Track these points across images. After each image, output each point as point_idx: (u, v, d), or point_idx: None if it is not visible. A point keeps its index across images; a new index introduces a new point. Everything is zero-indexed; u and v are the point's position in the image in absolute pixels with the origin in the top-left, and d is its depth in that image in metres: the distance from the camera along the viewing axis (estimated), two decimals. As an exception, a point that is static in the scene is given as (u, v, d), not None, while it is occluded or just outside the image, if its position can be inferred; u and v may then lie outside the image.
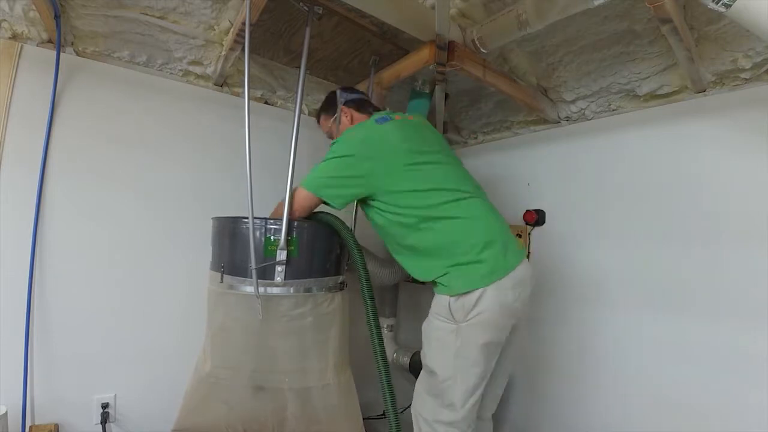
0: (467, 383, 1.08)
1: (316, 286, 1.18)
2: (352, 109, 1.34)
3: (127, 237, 1.45)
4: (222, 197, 1.61)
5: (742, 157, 1.20)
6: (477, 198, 1.18)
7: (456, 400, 1.09)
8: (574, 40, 1.35)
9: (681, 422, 1.27)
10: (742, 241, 1.19)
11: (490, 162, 2.06)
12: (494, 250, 1.09)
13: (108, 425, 1.39)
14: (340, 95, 1.36)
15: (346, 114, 1.34)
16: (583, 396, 1.54)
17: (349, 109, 1.34)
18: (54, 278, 1.32)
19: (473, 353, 1.07)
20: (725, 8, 0.81)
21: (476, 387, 1.09)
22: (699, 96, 1.31)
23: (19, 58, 1.29)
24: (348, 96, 1.36)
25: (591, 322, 1.54)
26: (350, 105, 1.34)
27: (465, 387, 1.09)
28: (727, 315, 1.20)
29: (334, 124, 1.35)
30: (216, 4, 1.33)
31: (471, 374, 1.08)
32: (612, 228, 1.50)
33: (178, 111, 1.56)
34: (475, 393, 1.10)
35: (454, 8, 1.31)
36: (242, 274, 1.14)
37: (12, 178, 1.27)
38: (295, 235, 1.15)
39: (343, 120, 1.33)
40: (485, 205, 1.19)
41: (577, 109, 1.62)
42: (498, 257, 1.09)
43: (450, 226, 1.12)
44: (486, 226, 1.13)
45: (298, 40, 1.39)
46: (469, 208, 1.14)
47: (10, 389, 1.24)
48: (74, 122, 1.37)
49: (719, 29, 1.13)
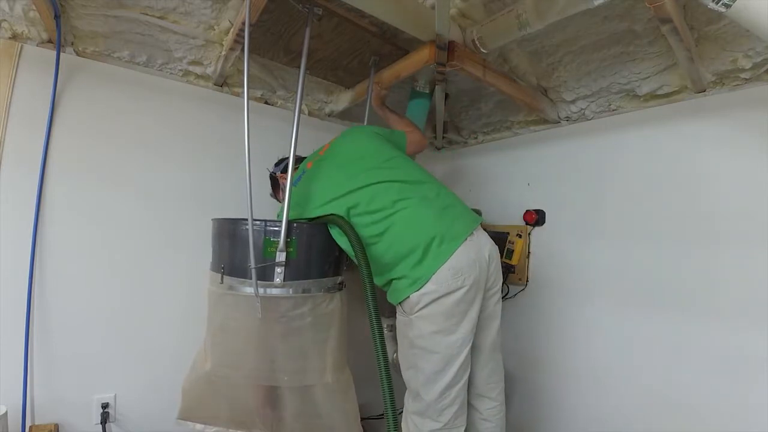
0: (426, 371, 1.13)
1: (315, 286, 1.18)
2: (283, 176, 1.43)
3: (127, 237, 1.45)
4: (222, 197, 1.62)
5: (742, 157, 1.20)
6: (405, 209, 1.16)
7: (420, 389, 1.15)
8: (574, 40, 1.35)
9: (680, 422, 1.27)
10: (741, 241, 1.19)
11: (490, 162, 2.06)
12: (410, 260, 1.13)
13: (108, 425, 1.39)
14: (273, 170, 1.52)
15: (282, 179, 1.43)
16: (583, 395, 1.54)
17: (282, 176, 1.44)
18: (54, 278, 1.32)
19: (426, 342, 1.13)
20: (725, 8, 0.81)
21: (438, 374, 1.13)
22: (699, 96, 1.31)
23: (19, 58, 1.29)
24: (276, 169, 1.51)
25: (591, 322, 1.54)
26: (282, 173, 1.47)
27: (424, 375, 1.14)
28: (726, 315, 1.20)
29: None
30: (216, 4, 1.33)
31: (428, 361, 1.13)
32: (612, 228, 1.50)
33: (178, 111, 1.56)
34: (438, 381, 1.13)
35: (454, 8, 1.31)
36: (242, 275, 1.14)
37: (12, 178, 1.27)
38: (294, 236, 1.15)
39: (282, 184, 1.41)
40: (415, 210, 1.16)
41: (577, 109, 1.62)
42: (415, 266, 1.12)
43: (382, 246, 1.16)
44: (409, 235, 1.14)
45: (298, 41, 1.39)
46: (395, 223, 1.15)
47: (10, 389, 1.24)
48: (74, 122, 1.37)
49: (719, 29, 1.13)
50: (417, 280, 1.12)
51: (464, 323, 1.13)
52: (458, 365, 1.13)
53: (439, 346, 1.12)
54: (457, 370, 1.13)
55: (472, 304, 1.14)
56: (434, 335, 1.12)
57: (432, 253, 1.12)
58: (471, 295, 1.13)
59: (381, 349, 1.03)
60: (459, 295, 1.11)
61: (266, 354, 1.16)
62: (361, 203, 1.16)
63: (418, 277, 1.12)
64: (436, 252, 1.12)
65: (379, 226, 1.15)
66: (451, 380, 1.13)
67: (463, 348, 1.14)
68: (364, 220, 1.16)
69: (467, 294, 1.12)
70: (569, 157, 1.68)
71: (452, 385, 1.14)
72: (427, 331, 1.12)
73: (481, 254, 1.17)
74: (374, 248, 1.16)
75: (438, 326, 1.12)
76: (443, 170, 2.31)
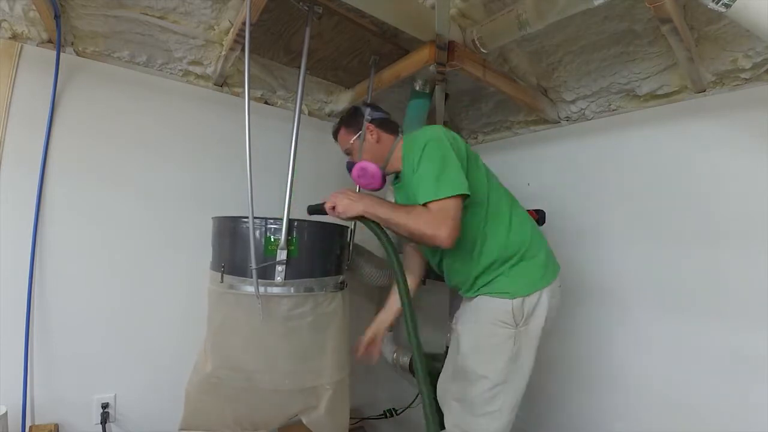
0: (519, 388, 1.12)
1: (316, 285, 1.18)
2: (378, 128, 1.24)
3: (127, 237, 1.45)
4: (222, 197, 1.61)
5: (742, 157, 1.20)
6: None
7: (505, 406, 1.10)
8: (574, 40, 1.35)
9: (680, 422, 1.27)
10: (742, 241, 1.19)
11: (490, 162, 2.04)
12: (546, 250, 1.18)
13: (108, 425, 1.39)
14: (367, 112, 1.26)
15: (372, 132, 1.23)
16: (581, 395, 1.54)
17: (375, 127, 1.24)
18: (54, 278, 1.32)
19: (529, 357, 1.12)
20: (725, 8, 0.81)
21: (523, 391, 1.13)
22: (699, 96, 1.31)
23: (19, 58, 1.29)
24: (374, 114, 1.26)
25: (590, 322, 1.54)
26: (376, 123, 1.25)
27: (516, 392, 1.11)
28: (727, 315, 1.20)
29: (357, 141, 1.24)
30: (216, 4, 1.33)
31: (522, 377, 1.12)
32: (612, 228, 1.50)
33: (177, 111, 1.56)
34: (520, 397, 1.13)
35: (454, 8, 1.31)
36: (242, 274, 1.14)
37: (12, 178, 1.27)
38: (295, 234, 1.15)
39: (368, 138, 1.23)
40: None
41: (577, 109, 1.62)
42: (549, 256, 1.19)
43: (511, 219, 1.17)
44: (533, 227, 1.21)
45: (298, 40, 1.39)
46: (518, 209, 1.23)
47: (10, 389, 1.24)
48: (74, 122, 1.37)
49: (719, 29, 1.13)
50: (548, 272, 1.20)
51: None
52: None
53: (534, 362, 1.18)
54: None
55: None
56: (536, 349, 1.17)
57: (553, 256, 1.26)
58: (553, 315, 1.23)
59: (419, 353, 0.96)
60: (555, 311, 1.23)
61: (267, 354, 1.16)
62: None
63: (551, 267, 1.23)
64: (554, 258, 1.28)
65: (513, 204, 1.27)
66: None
67: None
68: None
69: (555, 312, 1.23)
70: (569, 157, 1.67)
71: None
72: (533, 344, 1.16)
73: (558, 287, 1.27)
74: (509, 218, 1.20)
75: (539, 340, 1.17)
76: (443, 170, 2.30)
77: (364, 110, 1.27)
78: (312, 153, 1.77)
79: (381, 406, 1.95)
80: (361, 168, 1.19)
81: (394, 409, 1.93)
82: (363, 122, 1.24)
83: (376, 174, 1.19)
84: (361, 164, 1.20)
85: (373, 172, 1.18)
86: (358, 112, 1.28)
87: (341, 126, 1.29)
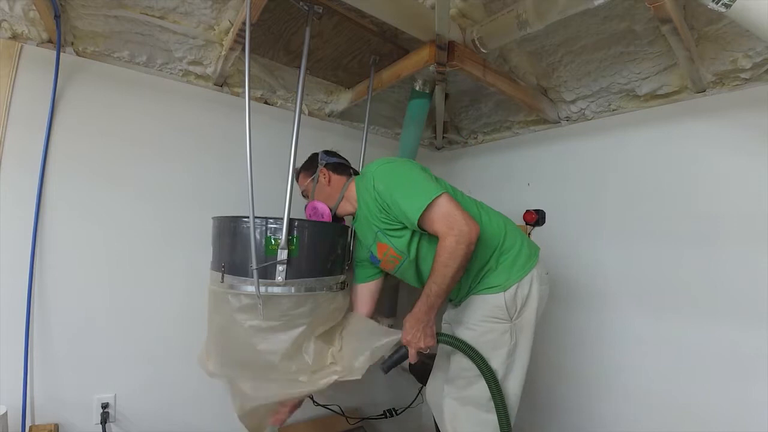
0: (519, 380, 1.15)
1: (317, 285, 1.18)
2: (330, 171, 1.35)
3: (127, 237, 1.45)
4: (222, 197, 1.61)
5: (742, 157, 1.21)
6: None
7: (508, 397, 1.13)
8: (574, 40, 1.36)
9: (679, 422, 1.27)
10: (741, 241, 1.19)
11: (490, 162, 2.06)
12: (521, 236, 1.22)
13: (108, 425, 1.38)
14: (321, 157, 1.38)
15: (324, 175, 1.34)
16: (581, 395, 1.54)
17: (327, 170, 1.35)
18: (54, 278, 1.32)
19: (526, 348, 1.15)
20: (725, 8, 0.81)
21: (523, 382, 1.15)
22: (699, 96, 1.31)
23: (19, 58, 1.29)
24: (328, 159, 1.37)
25: (590, 322, 1.54)
26: (329, 167, 1.36)
27: (516, 383, 1.14)
28: (726, 315, 1.20)
29: (311, 183, 1.36)
30: (216, 4, 1.33)
31: (522, 368, 1.15)
32: (612, 228, 1.50)
33: (177, 111, 1.56)
34: (521, 389, 1.16)
35: (454, 8, 1.31)
36: (243, 274, 1.14)
37: (12, 178, 1.27)
38: (296, 234, 1.15)
39: (320, 180, 1.34)
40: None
41: (577, 109, 1.62)
42: (525, 240, 1.23)
43: (481, 218, 1.20)
44: (503, 217, 1.27)
45: (298, 40, 1.39)
46: (483, 205, 1.29)
47: (10, 389, 1.24)
48: (74, 122, 1.37)
49: (719, 29, 1.14)
50: (532, 255, 1.25)
51: None
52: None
53: (531, 350, 1.22)
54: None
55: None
56: (532, 338, 1.21)
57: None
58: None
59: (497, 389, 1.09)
60: (545, 296, 1.28)
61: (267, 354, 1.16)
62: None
63: (533, 251, 1.28)
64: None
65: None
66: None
67: None
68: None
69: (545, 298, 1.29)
70: (569, 157, 1.68)
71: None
72: (530, 334, 1.19)
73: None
74: (486, 214, 1.27)
75: (535, 328, 1.22)
76: (443, 170, 2.30)
77: (320, 156, 1.38)
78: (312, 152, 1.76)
79: (381, 406, 1.95)
80: (313, 207, 1.31)
81: (394, 409, 1.93)
82: (318, 166, 1.36)
83: (326, 212, 1.30)
84: (313, 204, 1.31)
85: (323, 210, 1.30)
86: (315, 158, 1.39)
87: (300, 171, 1.42)
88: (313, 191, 1.36)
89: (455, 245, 1.00)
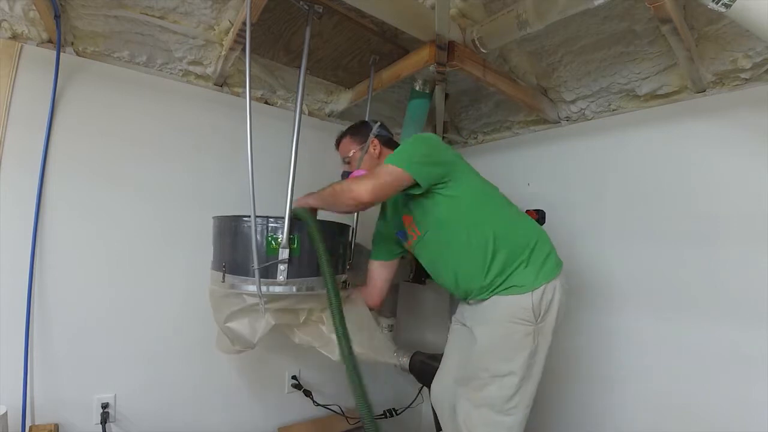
0: (535, 383, 1.13)
1: (318, 284, 1.18)
2: (381, 144, 1.34)
3: (128, 237, 1.45)
4: (222, 197, 1.61)
5: (742, 157, 1.21)
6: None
7: (522, 401, 1.12)
8: (574, 40, 1.36)
9: (679, 421, 1.27)
10: (741, 241, 1.19)
11: (490, 162, 2.06)
12: (551, 244, 1.20)
13: (108, 425, 1.38)
14: (374, 128, 1.35)
15: (375, 146, 1.32)
16: (581, 394, 1.54)
17: (379, 143, 1.33)
18: (54, 278, 1.32)
19: (543, 353, 1.14)
20: (725, 8, 0.81)
21: (537, 386, 1.15)
22: (699, 96, 1.31)
23: (19, 58, 1.29)
24: (382, 131, 1.36)
25: (590, 322, 1.54)
26: (381, 139, 1.34)
27: (533, 387, 1.13)
28: (726, 314, 1.20)
29: (359, 152, 1.33)
30: (216, 4, 1.33)
31: (538, 373, 1.14)
32: (612, 228, 1.50)
33: (178, 111, 1.56)
34: (535, 393, 1.15)
35: (454, 8, 1.31)
36: (244, 274, 1.14)
37: (12, 178, 1.27)
38: (297, 233, 1.15)
39: (370, 151, 1.32)
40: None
41: (577, 109, 1.62)
42: (554, 250, 1.20)
43: (515, 217, 1.22)
44: (536, 223, 1.26)
45: (298, 40, 1.39)
46: (516, 208, 1.28)
47: (10, 389, 1.24)
48: (74, 122, 1.37)
49: (719, 29, 1.14)
50: (558, 264, 1.23)
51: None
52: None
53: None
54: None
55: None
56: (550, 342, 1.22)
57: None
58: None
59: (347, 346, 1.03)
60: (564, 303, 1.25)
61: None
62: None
63: (557, 259, 1.24)
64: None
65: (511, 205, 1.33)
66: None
67: None
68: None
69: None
70: (569, 157, 1.68)
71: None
72: (549, 338, 1.18)
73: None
74: (509, 213, 1.27)
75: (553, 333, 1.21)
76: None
77: (372, 125, 1.35)
78: (312, 152, 1.77)
79: (381, 406, 1.95)
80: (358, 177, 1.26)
81: (394, 409, 1.93)
82: (369, 136, 1.32)
83: None
84: (359, 173, 1.27)
85: None
86: (366, 126, 1.36)
87: (347, 134, 1.37)
88: (360, 160, 1.32)
89: (351, 193, 1.08)
